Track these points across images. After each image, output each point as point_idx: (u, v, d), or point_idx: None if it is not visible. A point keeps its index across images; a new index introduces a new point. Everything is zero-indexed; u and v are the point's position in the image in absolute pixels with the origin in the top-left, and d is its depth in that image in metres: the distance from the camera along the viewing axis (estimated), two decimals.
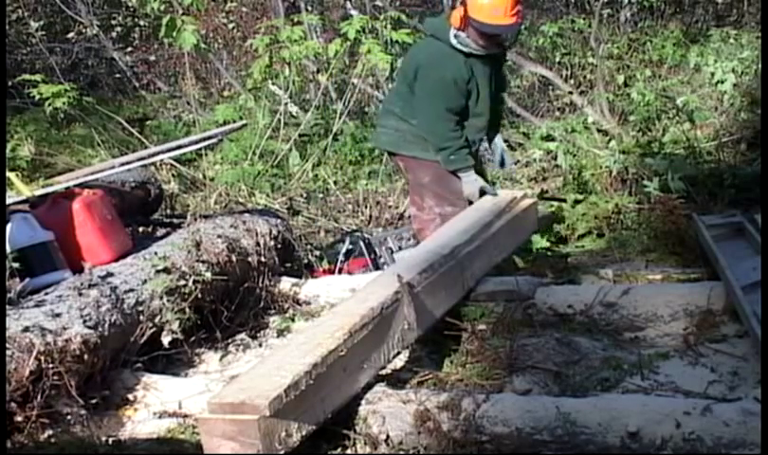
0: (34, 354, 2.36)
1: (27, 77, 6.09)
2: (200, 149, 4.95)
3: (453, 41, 3.63)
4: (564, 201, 5.05)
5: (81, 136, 7.42)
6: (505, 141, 6.76)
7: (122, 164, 3.82)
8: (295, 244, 4.07)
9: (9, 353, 2.33)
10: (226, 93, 8.73)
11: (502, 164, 4.08)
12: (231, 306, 3.35)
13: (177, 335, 2.98)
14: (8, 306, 2.65)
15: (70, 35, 9.75)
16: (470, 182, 3.76)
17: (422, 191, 3.86)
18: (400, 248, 4.43)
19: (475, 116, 3.79)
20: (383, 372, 2.65)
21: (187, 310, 3.02)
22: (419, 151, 3.81)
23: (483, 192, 3.78)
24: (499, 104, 4.06)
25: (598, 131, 6.42)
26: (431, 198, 3.82)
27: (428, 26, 3.93)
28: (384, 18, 6.32)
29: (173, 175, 5.99)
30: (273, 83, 6.89)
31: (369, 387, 2.47)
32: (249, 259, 3.57)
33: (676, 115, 6.16)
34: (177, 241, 3.37)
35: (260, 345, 3.28)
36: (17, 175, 3.50)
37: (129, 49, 9.73)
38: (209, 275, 3.19)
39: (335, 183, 6.09)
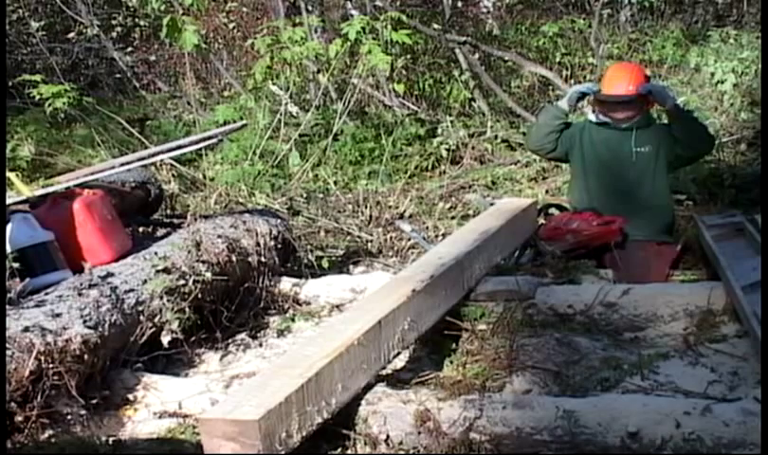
0: (34, 354, 2.36)
1: (27, 77, 6.07)
2: (200, 149, 4.94)
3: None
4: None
5: (81, 136, 7.41)
6: (505, 141, 6.82)
7: (122, 164, 3.81)
8: (295, 244, 4.07)
9: (9, 353, 2.33)
10: (226, 93, 8.73)
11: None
12: (231, 306, 3.34)
13: (177, 335, 2.97)
14: (8, 306, 2.65)
15: (70, 35, 9.76)
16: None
17: None
18: None
19: (579, 180, 4.25)
20: (383, 372, 2.65)
21: (187, 310, 3.02)
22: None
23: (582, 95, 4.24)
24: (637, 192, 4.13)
25: None
26: None
27: None
28: (384, 18, 6.31)
29: (173, 175, 5.98)
30: (273, 84, 6.89)
31: (369, 387, 2.47)
32: (249, 259, 3.57)
33: None
34: (177, 241, 3.36)
35: (260, 345, 3.28)
36: (17, 175, 3.49)
37: (129, 49, 9.74)
38: (209, 275, 3.19)
39: (335, 183, 6.09)
